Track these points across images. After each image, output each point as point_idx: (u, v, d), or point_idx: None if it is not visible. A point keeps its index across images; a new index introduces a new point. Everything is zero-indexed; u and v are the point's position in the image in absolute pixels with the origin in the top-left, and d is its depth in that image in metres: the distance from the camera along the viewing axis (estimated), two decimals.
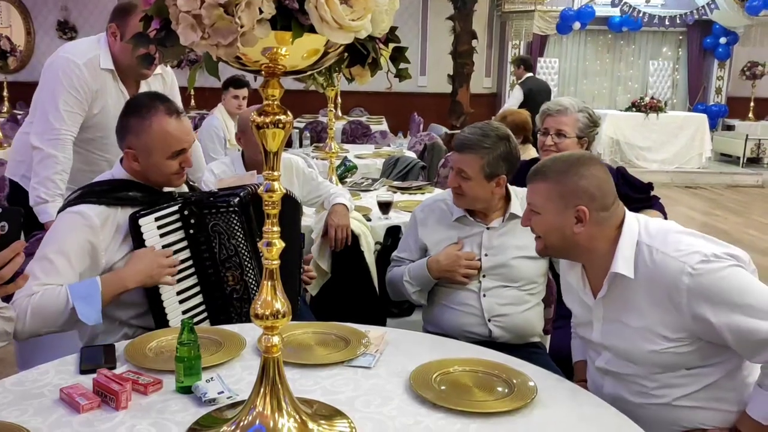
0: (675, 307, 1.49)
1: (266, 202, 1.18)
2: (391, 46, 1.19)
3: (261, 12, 0.96)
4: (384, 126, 7.81)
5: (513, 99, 7.67)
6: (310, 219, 3.00)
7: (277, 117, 1.14)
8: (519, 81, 7.97)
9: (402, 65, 1.21)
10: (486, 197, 2.11)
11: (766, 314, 1.42)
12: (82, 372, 1.51)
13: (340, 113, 7.86)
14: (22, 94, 8.50)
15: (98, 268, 1.83)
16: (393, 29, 1.16)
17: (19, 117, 7.20)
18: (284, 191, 1.21)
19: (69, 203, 1.87)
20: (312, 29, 1.00)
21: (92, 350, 1.61)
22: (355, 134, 7.14)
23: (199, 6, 0.95)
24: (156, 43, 1.05)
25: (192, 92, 9.52)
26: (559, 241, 1.62)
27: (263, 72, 1.12)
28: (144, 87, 2.68)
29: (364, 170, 4.66)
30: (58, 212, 1.90)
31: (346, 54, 1.15)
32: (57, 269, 1.75)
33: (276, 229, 1.19)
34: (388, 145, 6.08)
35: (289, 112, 1.16)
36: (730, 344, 1.47)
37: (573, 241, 1.60)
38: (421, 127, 7.47)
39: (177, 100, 2.71)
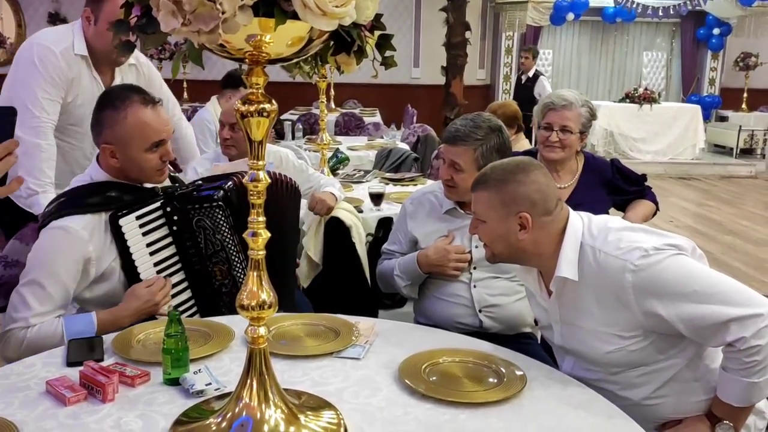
0: (624, 306, 1.48)
1: (251, 192, 1.17)
2: (377, 33, 1.17)
3: None
4: (377, 118, 7.78)
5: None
6: (301, 210, 2.98)
7: (262, 106, 1.13)
8: (530, 71, 8.14)
9: (388, 53, 1.20)
10: None
11: (713, 297, 1.41)
12: (69, 364, 1.50)
13: (333, 105, 7.82)
14: None
15: (89, 278, 1.79)
16: (378, 16, 1.15)
17: None
18: (285, 179, 1.19)
19: (50, 217, 1.79)
20: (295, 16, 0.99)
21: (79, 343, 1.59)
22: (349, 126, 7.11)
23: None
24: (137, 30, 1.04)
25: (185, 85, 9.48)
26: (505, 249, 1.61)
27: (247, 60, 1.10)
28: (118, 78, 2.63)
29: (357, 162, 4.64)
30: (39, 227, 1.82)
31: (331, 42, 1.14)
32: (50, 295, 1.71)
33: (261, 219, 1.18)
34: (381, 137, 6.06)
35: (273, 101, 1.15)
36: (685, 333, 1.46)
37: (519, 247, 1.59)
38: (415, 119, 7.45)
39: (158, 90, 2.68)
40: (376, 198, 3.09)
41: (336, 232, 2.75)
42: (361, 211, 3.02)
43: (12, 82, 2.48)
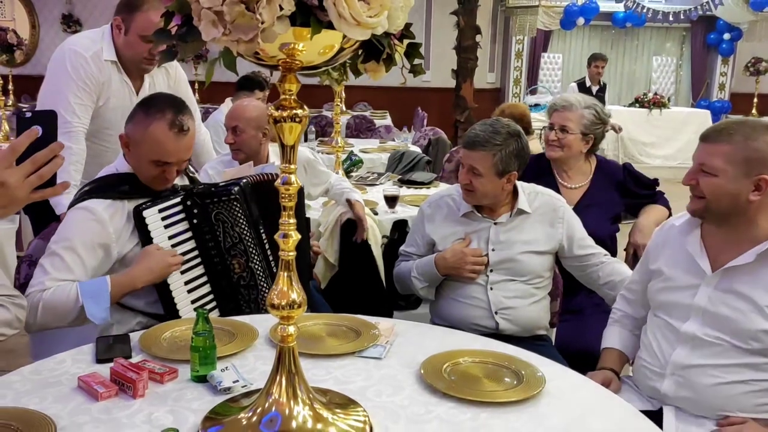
0: None
1: (283, 195, 1.21)
2: (406, 42, 1.21)
3: (281, 8, 0.98)
4: (388, 120, 7.82)
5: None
6: (317, 212, 3.03)
7: (294, 111, 1.17)
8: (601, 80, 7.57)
9: (416, 61, 1.23)
10: (496, 193, 2.13)
11: None
12: (99, 361, 1.54)
13: (344, 108, 7.86)
14: (27, 87, 8.53)
15: (111, 259, 1.87)
16: (408, 25, 1.18)
17: (24, 110, 7.21)
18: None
19: (75, 200, 1.91)
20: (330, 25, 1.03)
21: (108, 340, 1.64)
22: (360, 129, 7.16)
23: (221, 2, 0.98)
24: (177, 39, 1.07)
25: (197, 87, 9.53)
26: (728, 207, 1.61)
27: (281, 67, 1.14)
28: (148, 79, 2.69)
29: (369, 165, 4.69)
30: (68, 207, 1.93)
31: (360, 50, 1.18)
32: (67, 265, 1.79)
33: (292, 221, 1.22)
34: (393, 140, 6.10)
35: (305, 107, 1.19)
36: None
37: (743, 208, 1.60)
38: (425, 121, 7.48)
39: (183, 94, 2.72)
40: (391, 200, 3.13)
41: (352, 233, 2.78)
42: (376, 214, 3.05)
43: (45, 88, 2.55)
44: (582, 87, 7.34)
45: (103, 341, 1.63)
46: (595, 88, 7.41)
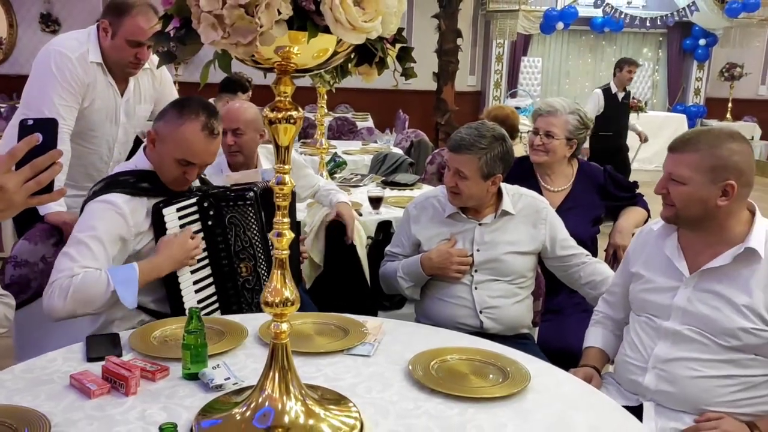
0: None
1: (277, 194, 1.23)
2: (398, 46, 1.24)
3: (279, 13, 1.01)
4: (370, 122, 7.85)
5: None
6: (302, 213, 3.05)
7: (289, 113, 1.20)
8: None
9: (408, 64, 1.27)
10: (481, 195, 2.17)
11: None
12: (90, 360, 1.55)
13: (326, 109, 7.88)
14: (5, 87, 8.43)
15: (126, 252, 1.91)
16: (400, 30, 1.22)
17: (1, 110, 7.13)
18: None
19: (95, 193, 1.94)
20: (326, 30, 1.06)
21: (98, 339, 1.65)
22: (341, 130, 7.18)
23: (221, 6, 1.00)
24: (175, 41, 1.10)
25: (178, 87, 9.46)
26: (699, 212, 1.67)
27: (276, 70, 1.17)
28: (133, 81, 2.68)
29: (352, 166, 4.71)
30: (85, 201, 1.95)
31: (353, 54, 1.21)
32: (93, 253, 1.82)
33: (286, 220, 1.25)
34: (375, 142, 6.13)
35: (300, 108, 1.21)
36: None
37: (712, 213, 1.66)
38: (407, 124, 7.53)
39: (168, 95, 2.73)
40: (375, 202, 3.16)
41: (337, 234, 2.80)
42: (360, 215, 3.08)
43: (30, 88, 2.52)
44: (608, 93, 6.58)
45: (93, 340, 1.64)
46: (621, 95, 6.63)
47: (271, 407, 1.26)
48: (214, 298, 2.01)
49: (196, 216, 2.00)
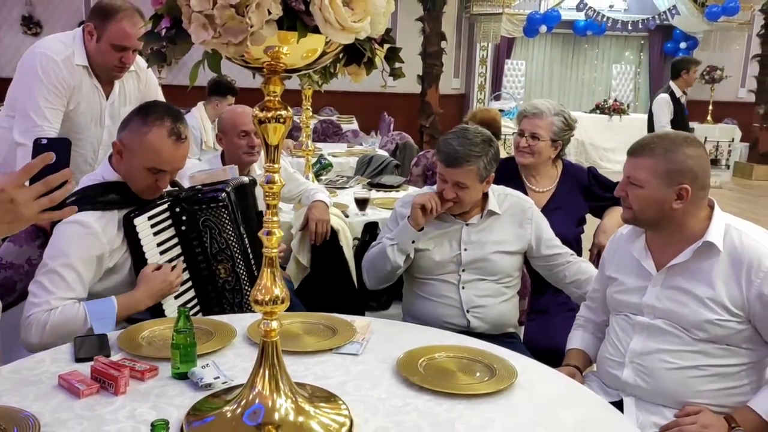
0: (745, 285, 1.64)
1: (266, 194, 1.24)
2: (386, 46, 1.26)
3: (269, 13, 1.02)
4: (354, 125, 7.88)
5: None
6: (288, 215, 3.05)
7: (278, 112, 1.21)
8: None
9: (396, 65, 1.28)
10: (479, 198, 2.20)
11: None
12: (78, 360, 1.55)
13: (311, 112, 7.88)
14: None
15: (102, 268, 1.87)
16: (388, 30, 1.23)
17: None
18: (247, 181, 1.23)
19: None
20: (315, 30, 1.07)
21: (86, 339, 1.64)
22: (327, 133, 7.20)
23: (212, 6, 1.01)
24: (166, 41, 1.10)
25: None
26: (655, 215, 1.73)
27: (265, 70, 1.18)
28: (118, 84, 2.68)
29: (338, 168, 4.72)
30: (54, 223, 1.89)
31: (341, 54, 1.22)
32: (67, 284, 1.78)
33: (276, 219, 1.25)
34: (360, 144, 6.15)
35: (289, 108, 1.22)
36: None
37: (668, 215, 1.71)
38: (392, 126, 7.55)
39: (154, 98, 2.71)
40: (362, 203, 3.17)
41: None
42: (347, 216, 3.09)
43: (15, 90, 2.51)
44: (673, 97, 6.21)
45: (81, 341, 1.63)
46: (684, 99, 6.23)
47: (262, 404, 1.26)
48: (195, 302, 2.00)
49: (168, 222, 1.96)
